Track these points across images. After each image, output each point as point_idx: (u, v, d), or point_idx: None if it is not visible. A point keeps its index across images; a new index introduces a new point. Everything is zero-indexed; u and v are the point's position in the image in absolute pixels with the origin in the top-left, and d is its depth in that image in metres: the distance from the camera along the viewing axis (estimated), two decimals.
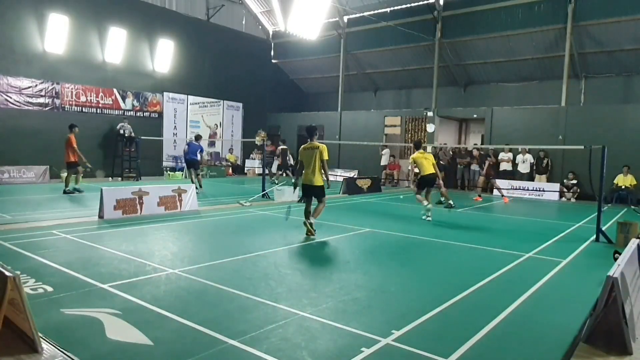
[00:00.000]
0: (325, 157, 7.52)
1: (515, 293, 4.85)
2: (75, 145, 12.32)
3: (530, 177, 16.68)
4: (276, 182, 16.58)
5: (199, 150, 14.13)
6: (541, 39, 17.61)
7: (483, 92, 20.61)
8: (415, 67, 21.33)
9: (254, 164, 22.44)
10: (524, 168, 16.68)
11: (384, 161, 20.03)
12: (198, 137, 14.62)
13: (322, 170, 7.58)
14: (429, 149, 19.32)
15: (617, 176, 14.66)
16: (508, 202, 13.95)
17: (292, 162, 19.29)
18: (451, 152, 18.88)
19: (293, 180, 8.93)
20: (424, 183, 10.24)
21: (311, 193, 7.75)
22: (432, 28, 19.43)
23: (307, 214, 7.69)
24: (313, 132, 7.85)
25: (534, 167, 16.67)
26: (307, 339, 3.57)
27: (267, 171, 16.80)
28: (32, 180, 15.10)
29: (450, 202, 12.10)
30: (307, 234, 7.59)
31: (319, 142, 7.77)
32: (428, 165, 10.20)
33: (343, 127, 22.20)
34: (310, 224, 7.54)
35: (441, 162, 18.65)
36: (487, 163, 14.64)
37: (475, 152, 14.77)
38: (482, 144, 20.33)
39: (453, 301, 4.55)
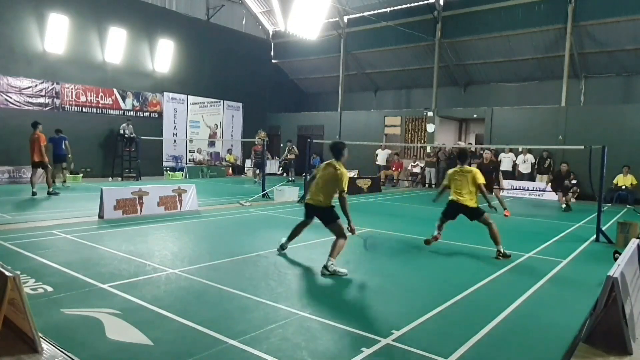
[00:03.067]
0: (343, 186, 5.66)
1: (515, 293, 4.85)
2: (44, 144, 11.80)
3: (530, 177, 16.66)
4: (256, 182, 16.59)
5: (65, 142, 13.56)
6: (541, 39, 17.61)
7: (483, 92, 20.61)
8: (415, 67, 21.34)
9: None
10: (524, 168, 16.68)
11: (380, 161, 20.01)
12: (59, 131, 13.75)
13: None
14: (428, 149, 19.36)
15: (617, 176, 14.66)
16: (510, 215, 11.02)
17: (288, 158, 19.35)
18: (449, 152, 18.86)
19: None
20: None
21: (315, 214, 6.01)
22: (432, 28, 19.43)
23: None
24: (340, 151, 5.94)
25: (536, 167, 16.65)
26: (307, 339, 3.57)
27: (257, 171, 16.75)
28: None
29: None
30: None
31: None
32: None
33: (343, 127, 22.20)
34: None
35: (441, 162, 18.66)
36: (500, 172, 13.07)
37: (487, 155, 12.30)
38: (476, 143, 20.35)
39: (453, 301, 4.55)
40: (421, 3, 19.68)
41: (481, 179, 6.72)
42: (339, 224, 5.68)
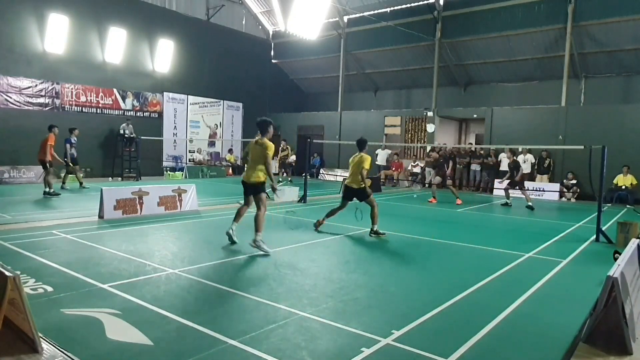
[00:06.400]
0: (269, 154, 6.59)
1: (515, 293, 4.85)
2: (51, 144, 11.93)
3: (531, 177, 16.65)
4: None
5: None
6: (541, 39, 17.60)
7: (483, 92, 20.60)
8: (415, 67, 21.33)
9: None
10: (524, 168, 16.63)
11: (380, 161, 20.02)
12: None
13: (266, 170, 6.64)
14: (428, 148, 19.35)
15: (617, 176, 14.65)
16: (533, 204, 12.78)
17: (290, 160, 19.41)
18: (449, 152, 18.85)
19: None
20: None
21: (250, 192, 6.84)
22: (432, 28, 19.43)
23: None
24: (265, 127, 6.73)
25: (535, 167, 16.64)
26: (307, 339, 3.57)
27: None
28: (32, 180, 15.09)
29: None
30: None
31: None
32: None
33: (343, 127, 22.19)
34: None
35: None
36: (520, 171, 13.41)
37: (508, 153, 13.88)
38: (476, 143, 20.36)
39: (453, 301, 4.55)
40: (421, 3, 19.67)
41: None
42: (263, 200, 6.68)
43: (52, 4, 16.08)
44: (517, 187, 13.25)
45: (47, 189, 11.79)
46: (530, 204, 12.75)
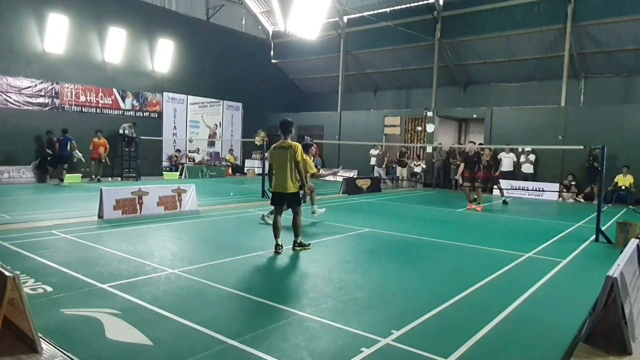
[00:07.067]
0: (300, 158, 6.30)
1: (515, 293, 4.85)
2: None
3: (534, 177, 16.63)
4: None
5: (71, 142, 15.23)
6: (541, 39, 17.61)
7: (483, 92, 20.60)
8: (415, 67, 21.33)
9: (254, 164, 22.44)
10: (526, 168, 16.66)
11: (374, 161, 20.06)
12: (64, 131, 15.14)
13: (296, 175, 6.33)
14: (429, 149, 19.36)
15: (617, 176, 14.65)
16: (481, 210, 11.92)
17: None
18: (446, 153, 18.86)
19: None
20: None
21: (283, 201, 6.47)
22: (432, 28, 19.43)
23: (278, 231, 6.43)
24: (288, 128, 6.48)
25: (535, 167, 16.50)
26: (307, 339, 3.57)
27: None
28: (32, 181, 15.09)
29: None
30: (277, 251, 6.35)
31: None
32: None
33: (343, 127, 22.19)
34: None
35: (434, 161, 18.72)
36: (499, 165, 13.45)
37: (487, 152, 12.61)
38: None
39: (453, 301, 4.55)
40: (421, 3, 19.68)
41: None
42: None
43: (52, 4, 16.07)
44: (495, 184, 13.87)
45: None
46: (504, 198, 14.10)
